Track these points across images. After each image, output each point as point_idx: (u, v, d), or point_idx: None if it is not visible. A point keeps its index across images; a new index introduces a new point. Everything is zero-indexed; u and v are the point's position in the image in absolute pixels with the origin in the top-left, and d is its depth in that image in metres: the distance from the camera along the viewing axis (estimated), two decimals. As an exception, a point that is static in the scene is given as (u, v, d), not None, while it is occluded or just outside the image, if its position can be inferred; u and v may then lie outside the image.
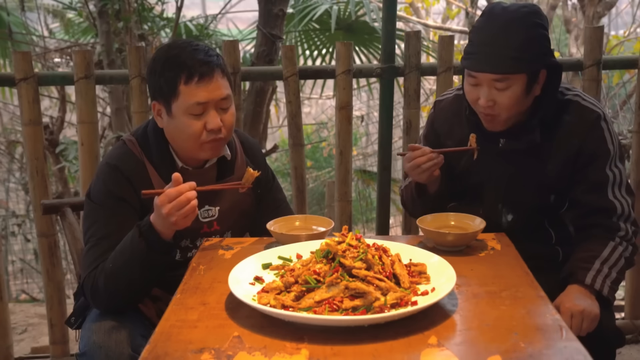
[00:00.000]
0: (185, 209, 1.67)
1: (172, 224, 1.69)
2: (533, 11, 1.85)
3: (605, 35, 3.96)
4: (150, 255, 1.71)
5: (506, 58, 1.79)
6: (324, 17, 4.32)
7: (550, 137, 1.93)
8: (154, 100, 1.87)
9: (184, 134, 1.84)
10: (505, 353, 1.23)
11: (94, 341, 1.72)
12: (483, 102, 1.86)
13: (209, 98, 1.81)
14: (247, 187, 1.90)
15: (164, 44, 1.96)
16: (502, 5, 1.87)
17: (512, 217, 2.04)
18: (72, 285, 4.88)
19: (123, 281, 1.74)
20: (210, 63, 1.82)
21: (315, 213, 5.56)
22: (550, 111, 1.93)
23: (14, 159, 6.06)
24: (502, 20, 1.82)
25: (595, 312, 1.76)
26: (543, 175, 1.97)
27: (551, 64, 1.87)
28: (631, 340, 3.00)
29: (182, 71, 1.80)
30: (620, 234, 1.90)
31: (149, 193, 1.73)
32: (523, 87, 1.84)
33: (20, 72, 2.70)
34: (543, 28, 1.84)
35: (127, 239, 1.75)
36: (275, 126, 7.03)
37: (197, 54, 1.82)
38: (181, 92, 1.80)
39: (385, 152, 2.97)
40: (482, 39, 1.84)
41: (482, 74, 1.84)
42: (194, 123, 1.82)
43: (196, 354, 1.26)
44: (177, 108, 1.82)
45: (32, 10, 5.50)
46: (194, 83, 1.80)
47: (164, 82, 1.82)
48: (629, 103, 4.69)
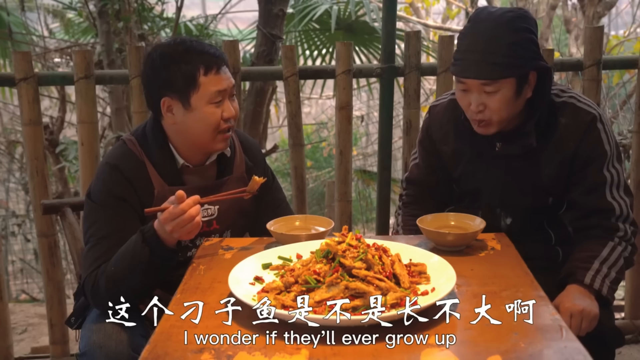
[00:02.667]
0: (188, 227, 1.70)
1: (176, 238, 1.72)
2: (519, 15, 1.83)
3: (605, 35, 3.96)
4: (153, 262, 1.72)
5: (491, 64, 1.79)
6: (324, 17, 4.32)
7: (547, 141, 1.93)
8: (164, 97, 1.86)
9: (205, 124, 1.86)
10: (505, 353, 1.23)
11: (94, 341, 1.72)
12: (474, 108, 1.86)
13: (226, 86, 1.87)
14: (252, 195, 1.90)
15: (160, 43, 1.98)
16: (489, 10, 1.86)
17: (511, 220, 2.04)
18: (72, 285, 4.88)
19: (124, 284, 1.74)
20: (219, 54, 1.89)
21: (315, 213, 5.56)
22: (545, 114, 1.92)
23: (14, 159, 6.06)
24: (487, 25, 1.81)
25: (595, 312, 1.76)
26: (540, 178, 1.96)
27: (540, 67, 1.85)
28: (631, 340, 3.00)
29: (201, 63, 1.84)
30: (619, 234, 1.90)
31: (151, 211, 1.74)
32: (513, 90, 1.83)
33: (20, 72, 2.69)
34: (529, 32, 1.82)
35: (130, 244, 1.75)
36: (275, 126, 7.02)
37: (205, 47, 1.88)
38: (202, 84, 1.84)
39: (385, 152, 2.96)
40: (467, 45, 1.84)
41: (469, 79, 1.84)
42: (215, 112, 1.86)
43: (196, 354, 1.26)
44: (198, 99, 1.84)
45: (32, 10, 5.50)
46: (213, 73, 1.84)
47: (181, 75, 1.84)
48: (629, 103, 4.68)
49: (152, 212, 1.73)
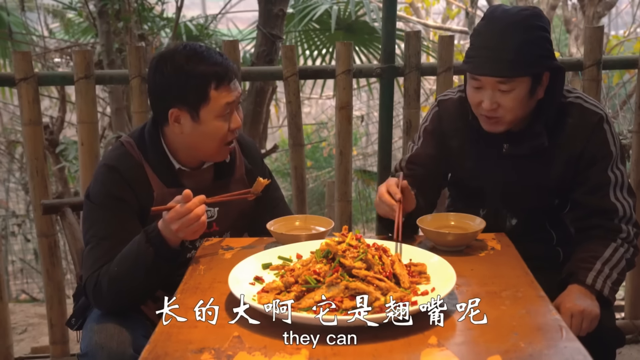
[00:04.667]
0: (194, 226, 1.70)
1: (181, 237, 1.72)
2: (534, 14, 1.83)
3: (605, 35, 3.95)
4: (157, 262, 1.72)
5: (507, 61, 1.78)
6: (324, 17, 4.32)
7: (554, 141, 1.92)
8: (173, 107, 1.84)
9: (213, 137, 1.85)
10: (505, 353, 1.23)
11: (96, 342, 1.71)
12: (487, 105, 1.84)
13: (234, 97, 1.85)
14: (256, 196, 1.90)
15: (169, 49, 1.92)
16: (503, 7, 1.86)
17: (516, 221, 2.03)
18: (72, 285, 4.88)
19: (127, 285, 1.74)
20: (228, 65, 1.85)
21: (315, 213, 5.56)
22: (553, 114, 1.91)
23: (14, 159, 6.06)
24: (503, 23, 1.81)
25: (596, 312, 1.76)
26: (547, 179, 1.95)
27: (554, 67, 1.85)
28: (631, 340, 3.00)
29: (212, 77, 1.81)
30: (622, 236, 1.89)
31: (157, 209, 1.73)
32: (527, 89, 1.82)
33: (20, 72, 2.70)
34: (544, 30, 1.83)
35: (133, 244, 1.75)
36: (275, 126, 7.02)
37: (215, 57, 1.84)
38: (212, 98, 1.81)
39: (385, 152, 2.96)
40: (483, 42, 1.83)
41: (484, 77, 1.82)
42: (223, 125, 1.85)
43: (196, 354, 1.26)
44: (208, 113, 1.83)
45: (32, 10, 5.50)
46: (224, 87, 1.82)
47: (191, 90, 1.81)
48: (629, 103, 4.68)
49: (158, 211, 1.73)
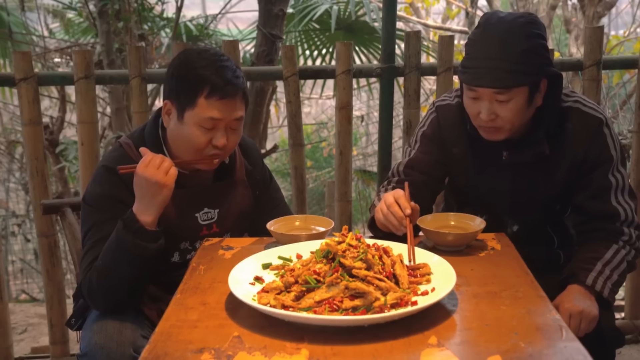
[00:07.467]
0: (164, 165, 1.74)
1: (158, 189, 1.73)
2: (530, 21, 1.79)
3: (605, 35, 3.96)
4: (136, 245, 1.72)
5: (505, 71, 1.74)
6: (324, 17, 4.32)
7: (555, 147, 1.90)
8: (168, 99, 1.87)
9: (188, 142, 1.85)
10: (505, 353, 1.23)
11: (96, 342, 1.72)
12: (485, 116, 1.81)
13: (224, 117, 1.82)
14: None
15: (201, 47, 1.93)
16: (498, 15, 1.81)
17: (518, 227, 2.03)
18: (72, 285, 4.88)
19: (115, 277, 1.74)
20: (237, 85, 1.83)
21: (315, 213, 5.55)
22: (553, 120, 1.89)
23: (14, 159, 6.06)
24: (499, 32, 1.76)
25: (594, 313, 1.76)
26: (549, 186, 1.94)
27: (551, 73, 1.83)
28: (631, 340, 3.00)
29: (207, 85, 1.80)
30: (624, 238, 1.89)
31: (125, 168, 1.78)
32: (525, 98, 1.79)
33: (20, 72, 2.70)
34: (541, 38, 1.79)
35: (112, 234, 1.75)
36: (275, 126, 7.03)
37: (226, 72, 1.82)
38: (199, 104, 1.80)
39: (385, 152, 2.96)
40: (479, 52, 1.78)
41: (482, 88, 1.79)
42: (200, 135, 1.83)
43: (196, 354, 1.26)
44: (190, 117, 1.82)
45: (32, 10, 5.51)
46: (215, 99, 1.80)
47: (185, 88, 1.82)
48: (629, 103, 4.68)
49: (127, 170, 1.78)
